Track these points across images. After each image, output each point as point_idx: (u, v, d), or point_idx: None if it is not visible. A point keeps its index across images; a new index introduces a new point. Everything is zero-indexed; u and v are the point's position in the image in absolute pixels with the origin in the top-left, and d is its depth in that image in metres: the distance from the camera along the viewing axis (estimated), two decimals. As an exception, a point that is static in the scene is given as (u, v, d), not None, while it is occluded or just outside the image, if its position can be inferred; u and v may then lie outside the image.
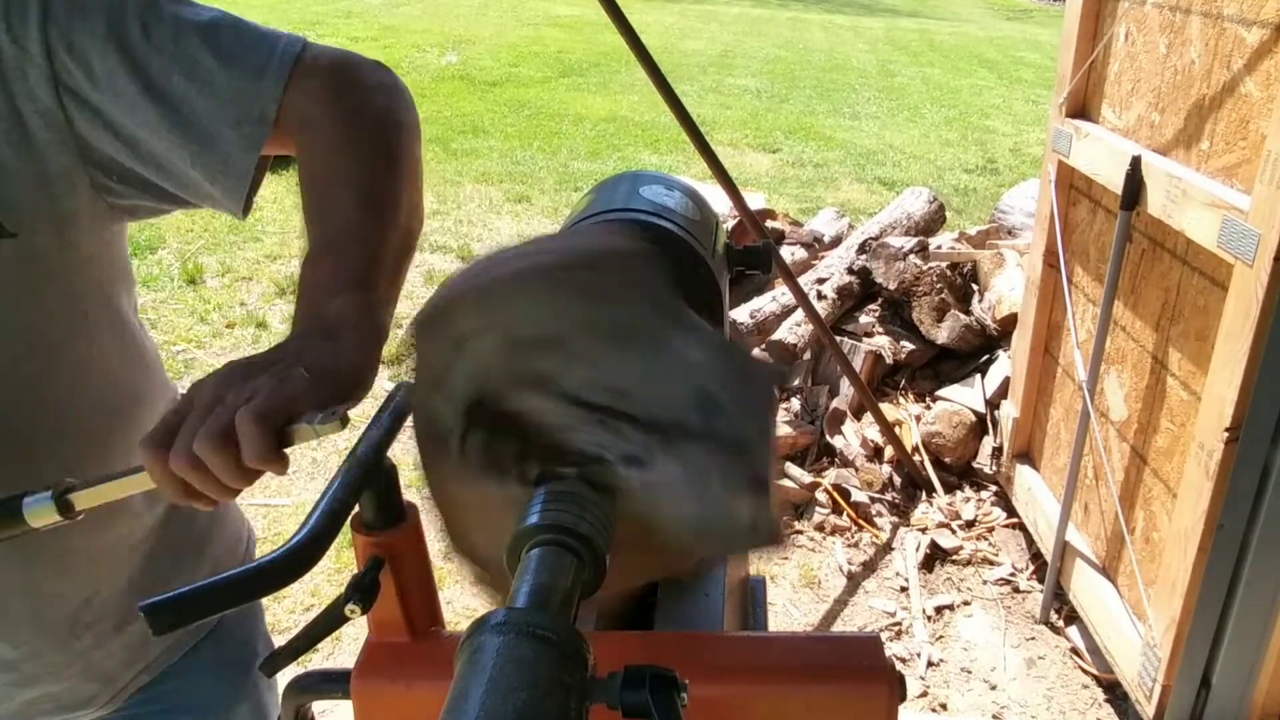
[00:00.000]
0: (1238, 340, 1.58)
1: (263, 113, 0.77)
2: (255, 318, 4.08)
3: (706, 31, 13.43)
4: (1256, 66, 1.59)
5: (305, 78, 0.79)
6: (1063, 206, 2.30)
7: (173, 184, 0.81)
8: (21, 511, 0.67)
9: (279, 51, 0.79)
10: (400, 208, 0.78)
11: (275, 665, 0.66)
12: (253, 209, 0.83)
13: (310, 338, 0.66)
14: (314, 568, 0.57)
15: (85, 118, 0.76)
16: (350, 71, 0.82)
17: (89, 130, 0.76)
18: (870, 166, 6.87)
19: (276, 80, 0.78)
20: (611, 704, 0.43)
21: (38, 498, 0.67)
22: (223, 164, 0.78)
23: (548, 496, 0.49)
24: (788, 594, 2.57)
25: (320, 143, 0.78)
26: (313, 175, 0.78)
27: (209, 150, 0.77)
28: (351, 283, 0.70)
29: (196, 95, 0.76)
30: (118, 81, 0.74)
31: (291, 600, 2.47)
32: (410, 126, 0.83)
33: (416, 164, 0.82)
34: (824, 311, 3.15)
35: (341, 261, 0.72)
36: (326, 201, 0.76)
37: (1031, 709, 2.20)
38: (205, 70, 0.76)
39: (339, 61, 0.82)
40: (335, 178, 0.77)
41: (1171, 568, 1.79)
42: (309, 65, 0.80)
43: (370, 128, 0.79)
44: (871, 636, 0.70)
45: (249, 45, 0.78)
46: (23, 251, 0.77)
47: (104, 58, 0.74)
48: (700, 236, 0.85)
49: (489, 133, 7.36)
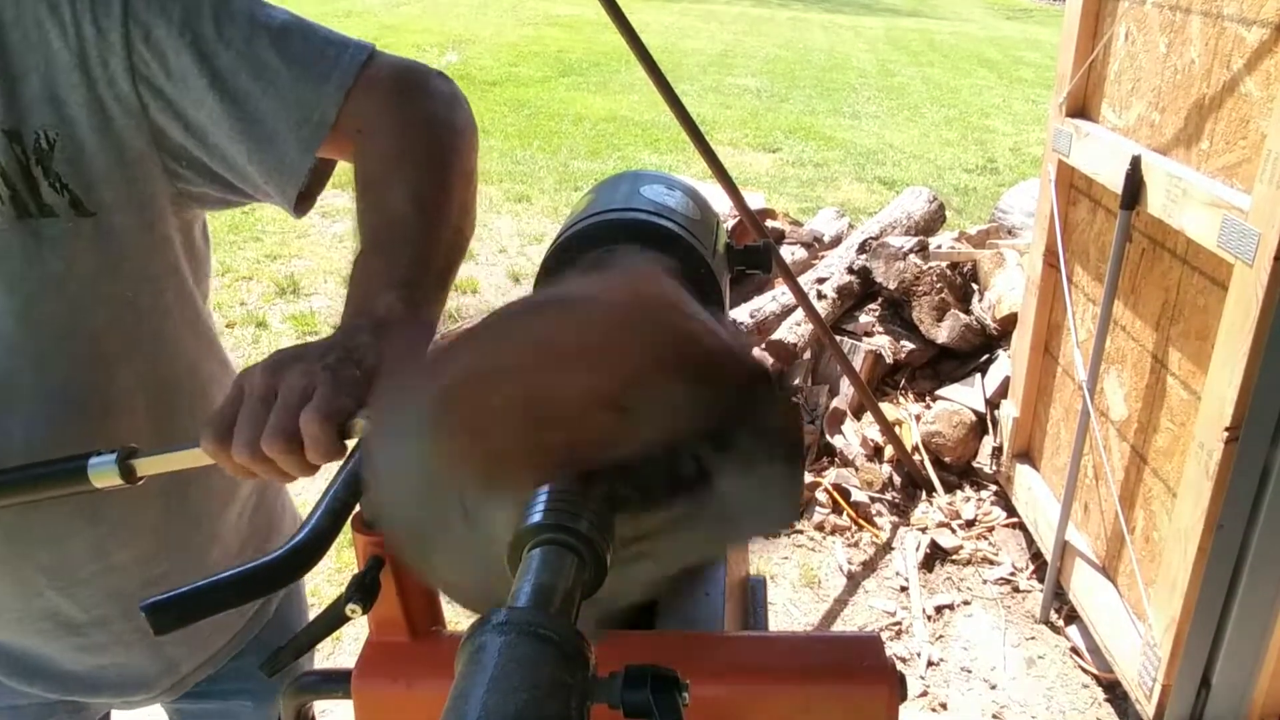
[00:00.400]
0: (1238, 340, 1.58)
1: (322, 117, 0.80)
2: (255, 317, 4.07)
3: (706, 31, 13.43)
4: (1256, 66, 1.59)
5: (368, 85, 0.81)
6: (1063, 206, 2.30)
7: (235, 176, 0.83)
8: (86, 471, 0.69)
9: (345, 59, 0.81)
10: (452, 209, 0.80)
11: (275, 665, 0.66)
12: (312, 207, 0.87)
13: (360, 333, 0.68)
14: (314, 567, 0.57)
15: (159, 106, 0.78)
16: (412, 79, 0.84)
17: (162, 118, 0.79)
18: (870, 166, 6.87)
19: (339, 87, 0.80)
20: (613, 704, 0.43)
21: (103, 459, 0.69)
22: (279, 162, 0.81)
23: (549, 496, 0.49)
24: (788, 594, 2.57)
25: (378, 147, 0.81)
26: (368, 177, 0.80)
27: (267, 148, 0.80)
28: (401, 280, 0.72)
29: (261, 94, 0.79)
30: (189, 74, 0.77)
31: (291, 600, 2.46)
32: (467, 133, 0.85)
33: (472, 169, 0.84)
34: (824, 311, 3.15)
35: (392, 259, 0.74)
36: (380, 202, 0.78)
37: (1031, 708, 2.20)
38: (272, 71, 0.79)
39: (402, 70, 0.85)
40: (390, 180, 0.79)
41: (1171, 567, 1.79)
42: (373, 73, 0.82)
43: (427, 134, 0.81)
44: (872, 636, 0.70)
45: (316, 50, 0.81)
46: (102, 230, 0.80)
47: (178, 51, 0.77)
48: (701, 236, 0.85)
49: (489, 132, 7.36)
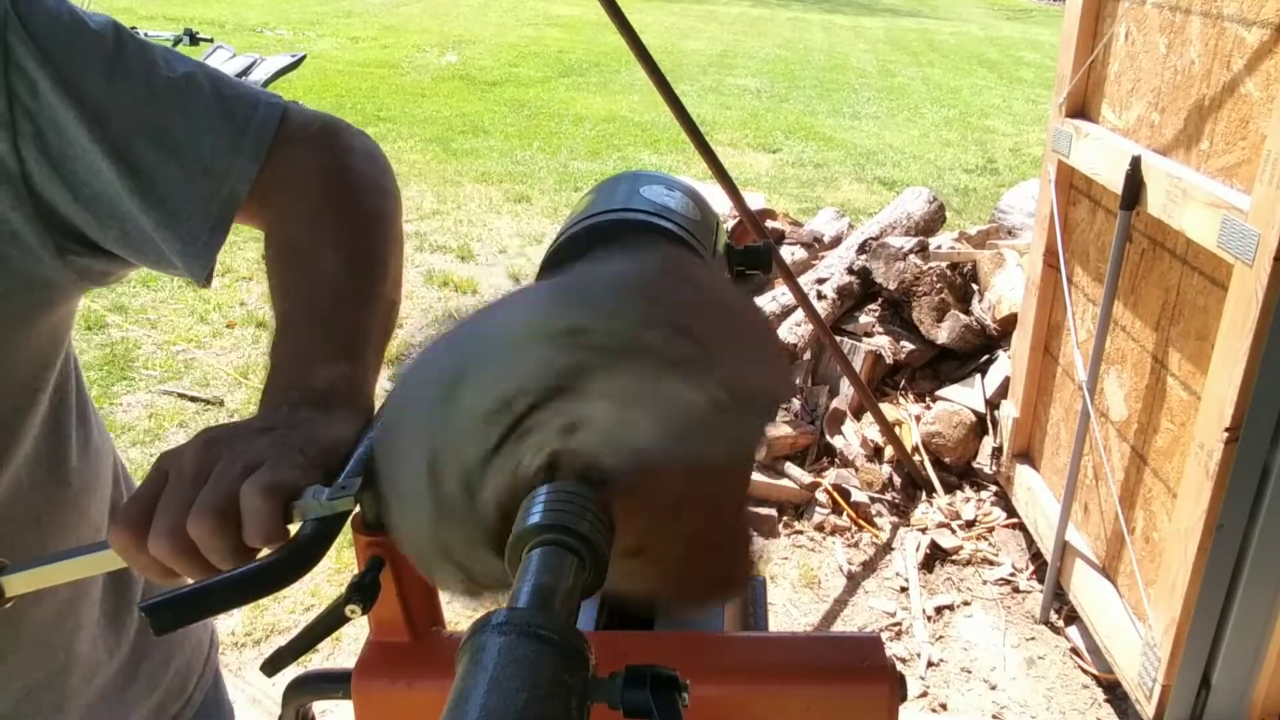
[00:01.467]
0: (1238, 340, 1.58)
1: (233, 192, 0.72)
2: (255, 317, 4.08)
3: (706, 31, 13.43)
4: (1256, 66, 1.59)
5: (284, 147, 0.74)
6: (1063, 206, 2.30)
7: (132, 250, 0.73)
8: None
9: (255, 124, 0.73)
10: (387, 277, 0.72)
11: (275, 665, 0.66)
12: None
13: (299, 407, 0.61)
14: (314, 568, 0.56)
15: (44, 172, 0.68)
16: (334, 136, 0.78)
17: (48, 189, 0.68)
18: (870, 166, 6.87)
19: (250, 159, 0.72)
20: (613, 704, 0.43)
21: None
22: (188, 240, 0.72)
23: (548, 497, 0.49)
24: (788, 594, 2.57)
25: (302, 208, 0.73)
26: (292, 241, 0.72)
27: (174, 224, 0.71)
28: (340, 352, 0.65)
29: (163, 164, 0.70)
30: (78, 140, 0.67)
31: (291, 600, 2.47)
32: (395, 196, 0.78)
33: (400, 235, 0.77)
34: (824, 311, 3.15)
35: (328, 329, 0.67)
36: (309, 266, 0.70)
37: (1031, 709, 2.20)
38: (174, 140, 0.70)
39: (322, 127, 0.78)
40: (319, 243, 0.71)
41: (1171, 568, 1.79)
42: (289, 134, 0.75)
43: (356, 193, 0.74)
44: (872, 636, 0.70)
45: (224, 114, 0.72)
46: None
47: (64, 110, 0.67)
48: (701, 237, 0.85)
49: (489, 133, 7.36)
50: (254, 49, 7.21)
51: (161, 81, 0.71)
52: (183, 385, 3.55)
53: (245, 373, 3.65)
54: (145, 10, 11.08)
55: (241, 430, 0.58)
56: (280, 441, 0.57)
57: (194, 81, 0.73)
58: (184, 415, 3.34)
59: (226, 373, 3.65)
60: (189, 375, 3.63)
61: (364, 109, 7.76)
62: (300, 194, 0.74)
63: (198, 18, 10.38)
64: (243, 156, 0.73)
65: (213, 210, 0.72)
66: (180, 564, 0.55)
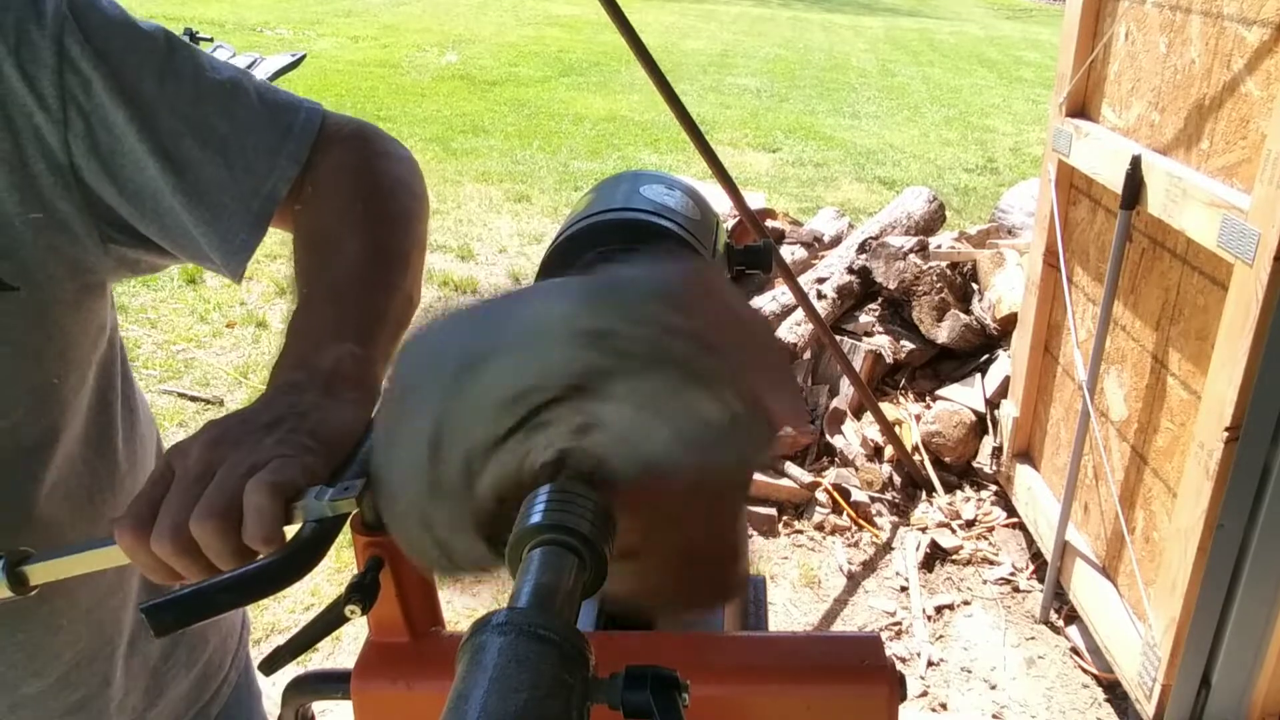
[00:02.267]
0: (1238, 340, 1.58)
1: (273, 191, 0.75)
2: (255, 317, 4.08)
3: (706, 31, 13.43)
4: (1256, 66, 1.59)
5: (321, 150, 0.78)
6: (1063, 206, 2.30)
7: (173, 244, 0.77)
8: None
9: (297, 127, 0.77)
10: (408, 271, 0.75)
11: (273, 664, 0.66)
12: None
13: (306, 392, 0.61)
14: (314, 568, 0.56)
15: (93, 167, 0.71)
16: (368, 140, 0.81)
17: (95, 182, 0.71)
18: (870, 166, 6.87)
19: (292, 161, 0.76)
20: (613, 704, 0.43)
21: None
22: (227, 236, 0.75)
23: (550, 496, 0.49)
24: (788, 594, 2.57)
25: (332, 202, 0.76)
26: (320, 230, 0.75)
27: (215, 220, 0.74)
28: (353, 333, 0.66)
29: (208, 164, 0.73)
30: (126, 135, 0.70)
31: (291, 600, 2.47)
32: (423, 199, 0.81)
33: (424, 236, 0.80)
34: (824, 311, 3.15)
35: (344, 310, 0.68)
36: (333, 252, 0.73)
37: (1031, 709, 2.20)
38: (219, 139, 0.73)
39: (357, 129, 0.81)
40: (345, 233, 0.74)
41: (1171, 567, 1.79)
42: (326, 138, 0.78)
43: (385, 191, 0.77)
44: (872, 636, 0.69)
45: (267, 116, 0.76)
46: (25, 308, 0.71)
47: (115, 109, 0.70)
48: (701, 236, 0.85)
49: (489, 132, 7.36)
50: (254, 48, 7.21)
51: (209, 84, 0.74)
52: (182, 385, 3.55)
53: (245, 372, 3.65)
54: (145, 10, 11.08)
55: (249, 425, 0.58)
56: (287, 438, 0.57)
57: (239, 85, 0.76)
58: (184, 415, 3.35)
59: (226, 372, 3.65)
60: (189, 375, 3.63)
61: (364, 108, 7.75)
62: (332, 190, 0.77)
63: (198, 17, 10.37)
64: (284, 158, 0.76)
65: (253, 208, 0.75)
66: (182, 563, 0.55)
